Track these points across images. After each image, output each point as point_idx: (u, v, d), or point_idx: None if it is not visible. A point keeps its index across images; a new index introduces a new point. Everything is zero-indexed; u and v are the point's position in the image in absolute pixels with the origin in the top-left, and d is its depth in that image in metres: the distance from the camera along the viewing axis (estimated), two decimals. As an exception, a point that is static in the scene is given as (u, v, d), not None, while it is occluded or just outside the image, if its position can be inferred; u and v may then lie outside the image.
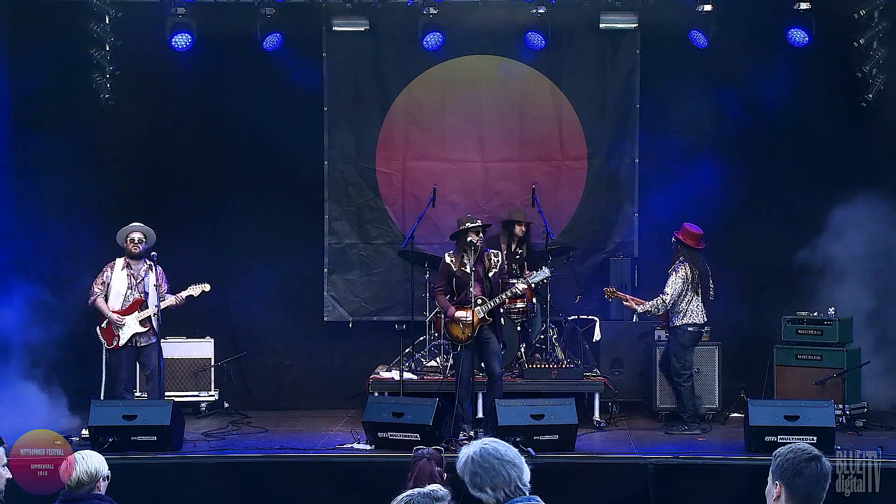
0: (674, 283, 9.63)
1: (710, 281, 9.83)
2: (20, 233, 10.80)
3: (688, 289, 9.63)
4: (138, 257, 9.59)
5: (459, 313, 9.23)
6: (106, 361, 9.72)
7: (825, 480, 3.63)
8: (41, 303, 10.72)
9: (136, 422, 8.77)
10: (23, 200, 10.96)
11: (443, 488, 3.54)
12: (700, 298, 9.68)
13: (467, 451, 3.77)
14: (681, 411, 9.73)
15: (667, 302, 9.63)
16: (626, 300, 9.97)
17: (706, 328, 9.98)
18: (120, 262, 9.63)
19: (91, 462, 5.23)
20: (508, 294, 9.35)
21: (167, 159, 11.29)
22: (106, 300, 9.56)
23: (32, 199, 11.08)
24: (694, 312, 9.66)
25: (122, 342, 9.46)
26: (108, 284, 9.58)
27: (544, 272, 9.58)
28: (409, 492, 3.50)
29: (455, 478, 3.83)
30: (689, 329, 9.69)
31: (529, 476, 3.75)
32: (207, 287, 9.67)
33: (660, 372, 10.22)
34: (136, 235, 9.59)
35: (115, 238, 9.78)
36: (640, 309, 9.91)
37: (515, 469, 3.71)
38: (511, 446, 3.79)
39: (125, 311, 9.52)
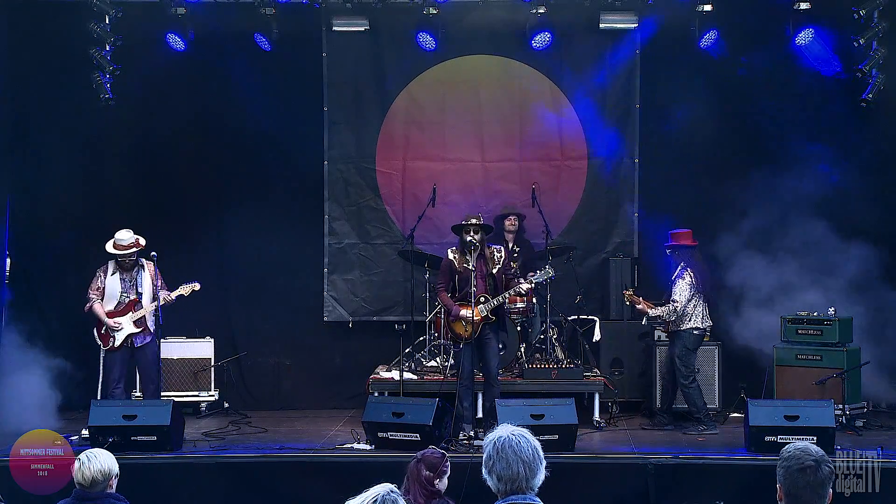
0: (682, 290, 9.64)
1: (710, 276, 9.86)
2: (19, 232, 10.79)
3: (694, 293, 9.66)
4: (132, 267, 9.53)
5: (464, 311, 9.22)
6: (103, 362, 9.69)
7: (823, 487, 3.67)
8: (40, 302, 10.74)
9: (135, 422, 8.76)
10: (22, 200, 10.95)
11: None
12: (705, 300, 9.71)
13: (496, 433, 3.80)
14: (695, 412, 9.72)
15: (678, 309, 9.63)
16: (639, 303, 9.94)
17: (708, 331, 9.99)
18: (111, 265, 9.56)
19: (104, 461, 5.28)
20: (511, 293, 9.33)
21: (167, 159, 11.30)
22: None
23: (32, 199, 11.08)
24: (698, 316, 9.68)
25: (117, 343, 9.45)
26: (103, 289, 9.53)
27: (548, 272, 9.52)
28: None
29: (450, 484, 3.86)
30: (695, 332, 9.71)
31: (542, 480, 3.75)
32: (197, 286, 9.61)
33: (661, 376, 10.18)
34: (128, 253, 9.45)
35: (113, 237, 9.79)
36: (651, 313, 9.87)
37: (528, 469, 3.71)
38: (537, 445, 3.79)
39: (120, 313, 9.48)
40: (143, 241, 9.51)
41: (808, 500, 3.65)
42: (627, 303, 10.11)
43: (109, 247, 9.48)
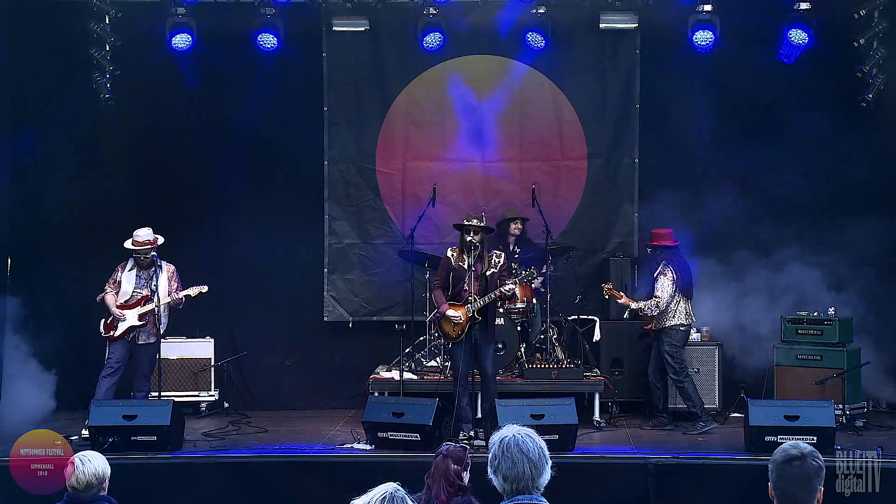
0: (664, 287, 9.72)
1: (690, 275, 9.94)
2: (20, 233, 10.80)
3: (676, 290, 9.69)
4: (149, 265, 9.56)
5: (451, 311, 9.22)
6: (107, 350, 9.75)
7: (810, 481, 3.55)
8: (41, 302, 10.74)
9: (135, 422, 8.77)
10: (22, 200, 10.96)
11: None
12: (687, 299, 9.78)
13: (502, 433, 3.80)
14: (692, 407, 9.77)
15: (661, 305, 9.70)
16: (621, 297, 10.00)
17: (694, 326, 10.09)
18: (130, 261, 9.64)
19: (98, 463, 5.23)
20: (497, 293, 9.26)
21: (167, 159, 11.29)
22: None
23: (32, 199, 11.08)
24: (682, 312, 9.78)
25: (117, 333, 9.49)
26: (118, 283, 9.59)
27: (532, 272, 9.59)
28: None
29: (475, 478, 3.85)
30: (681, 329, 9.81)
31: (548, 479, 3.76)
32: (205, 288, 9.68)
33: (650, 377, 10.14)
34: (144, 249, 9.51)
35: (113, 237, 9.80)
36: (633, 305, 9.93)
37: (534, 469, 3.71)
38: (542, 445, 3.79)
39: (129, 307, 9.53)
40: (161, 240, 9.59)
41: (795, 493, 3.56)
42: (607, 296, 10.15)
43: (128, 243, 9.55)
